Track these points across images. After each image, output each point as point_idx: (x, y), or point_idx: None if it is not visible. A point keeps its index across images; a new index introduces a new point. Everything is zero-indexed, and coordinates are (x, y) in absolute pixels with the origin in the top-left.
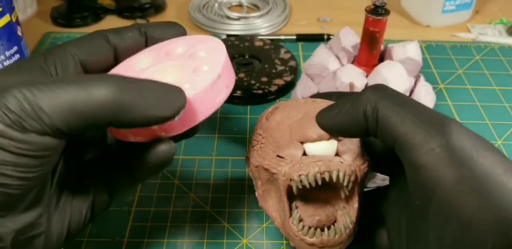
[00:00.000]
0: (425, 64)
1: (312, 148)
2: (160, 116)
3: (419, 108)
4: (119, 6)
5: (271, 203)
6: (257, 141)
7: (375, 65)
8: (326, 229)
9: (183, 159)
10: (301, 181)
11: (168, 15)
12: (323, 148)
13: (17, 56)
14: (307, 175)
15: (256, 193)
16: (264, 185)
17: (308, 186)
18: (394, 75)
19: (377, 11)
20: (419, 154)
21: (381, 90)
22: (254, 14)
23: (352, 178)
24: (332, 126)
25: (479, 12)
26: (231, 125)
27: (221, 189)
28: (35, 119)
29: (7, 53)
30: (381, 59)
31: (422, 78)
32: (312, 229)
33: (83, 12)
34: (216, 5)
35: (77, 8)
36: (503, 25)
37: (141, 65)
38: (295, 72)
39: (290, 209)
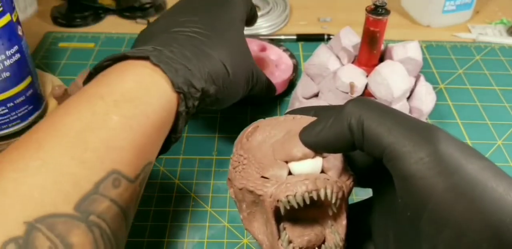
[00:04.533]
0: (425, 64)
1: (298, 167)
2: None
3: (404, 118)
4: (119, 6)
5: (257, 225)
6: (239, 162)
7: (376, 65)
8: None
9: (183, 159)
10: (289, 202)
11: None
12: (309, 166)
13: (17, 55)
14: (294, 195)
15: (241, 216)
16: (249, 208)
17: (296, 207)
18: (395, 75)
19: (378, 11)
20: (409, 163)
21: (364, 102)
22: None
23: (340, 195)
24: (317, 143)
25: (479, 12)
26: (231, 125)
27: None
28: None
29: (8, 53)
30: (382, 59)
31: (422, 78)
32: None
33: (84, 12)
34: None
35: (78, 7)
36: (503, 25)
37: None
38: (296, 70)
39: (278, 231)
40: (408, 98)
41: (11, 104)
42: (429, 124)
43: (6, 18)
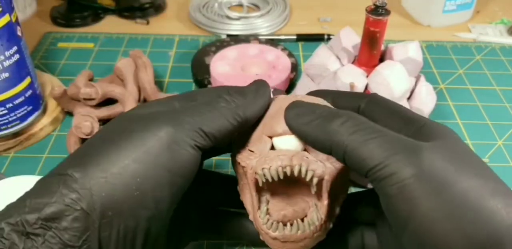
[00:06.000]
0: (426, 64)
1: (279, 142)
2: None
3: (388, 135)
4: (119, 6)
5: (247, 196)
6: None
7: (376, 65)
8: (289, 224)
9: None
10: (264, 175)
11: (168, 15)
12: (289, 142)
13: (16, 56)
14: (269, 169)
15: (238, 187)
16: (241, 179)
17: (270, 180)
18: (395, 75)
19: (378, 11)
20: (391, 185)
21: (354, 121)
22: (254, 14)
23: (317, 174)
24: (297, 132)
25: (480, 12)
26: None
27: None
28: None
29: (7, 53)
30: (382, 59)
31: (422, 78)
32: (276, 223)
33: (83, 12)
34: (216, 5)
35: (77, 8)
36: (503, 25)
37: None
38: (296, 69)
39: (260, 202)
40: (409, 98)
41: (10, 105)
42: (416, 143)
43: (5, 18)
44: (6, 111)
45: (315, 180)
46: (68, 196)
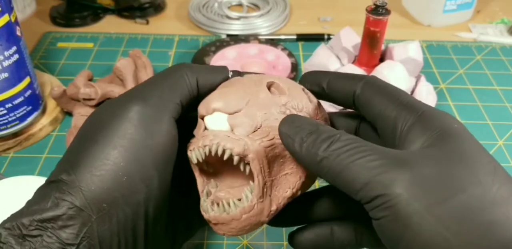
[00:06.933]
0: (426, 64)
1: (206, 123)
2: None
3: (373, 154)
4: (118, 6)
5: None
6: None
7: (376, 65)
8: (216, 205)
9: None
10: (191, 157)
11: (168, 15)
12: (213, 122)
13: (16, 56)
14: (193, 150)
15: None
16: None
17: (195, 161)
18: (395, 75)
19: (378, 11)
20: (379, 205)
21: (342, 141)
22: (254, 14)
23: (235, 152)
24: (291, 152)
25: (480, 11)
26: None
27: None
28: None
29: (6, 53)
30: (382, 59)
31: (423, 78)
32: (207, 204)
33: (83, 12)
34: (216, 4)
35: (77, 7)
36: (504, 25)
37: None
38: (296, 69)
39: (205, 186)
40: None
41: (10, 105)
42: (406, 155)
43: (5, 18)
44: (5, 111)
45: (235, 159)
46: (61, 198)
